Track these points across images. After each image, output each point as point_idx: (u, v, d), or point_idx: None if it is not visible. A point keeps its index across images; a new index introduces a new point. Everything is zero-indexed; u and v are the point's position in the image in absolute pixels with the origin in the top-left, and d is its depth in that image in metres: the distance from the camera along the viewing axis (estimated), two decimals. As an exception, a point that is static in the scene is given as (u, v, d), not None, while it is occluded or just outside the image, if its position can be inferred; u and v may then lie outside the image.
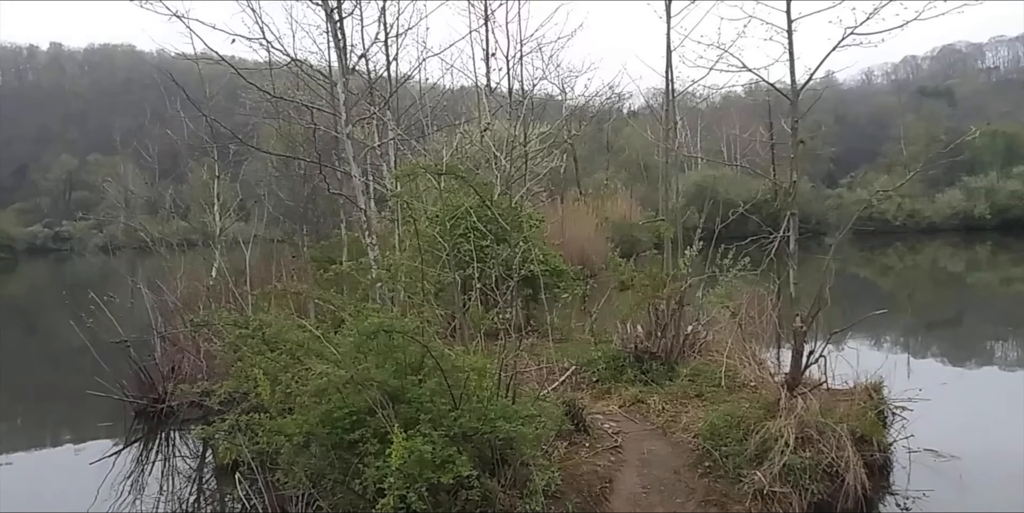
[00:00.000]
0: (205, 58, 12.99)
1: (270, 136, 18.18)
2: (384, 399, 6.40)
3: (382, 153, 12.80)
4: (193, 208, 19.42)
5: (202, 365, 11.89)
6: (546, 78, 18.20)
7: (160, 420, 11.80)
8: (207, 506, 9.05)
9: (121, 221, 21.55)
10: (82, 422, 13.17)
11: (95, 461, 10.31)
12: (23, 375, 18.96)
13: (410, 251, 8.40)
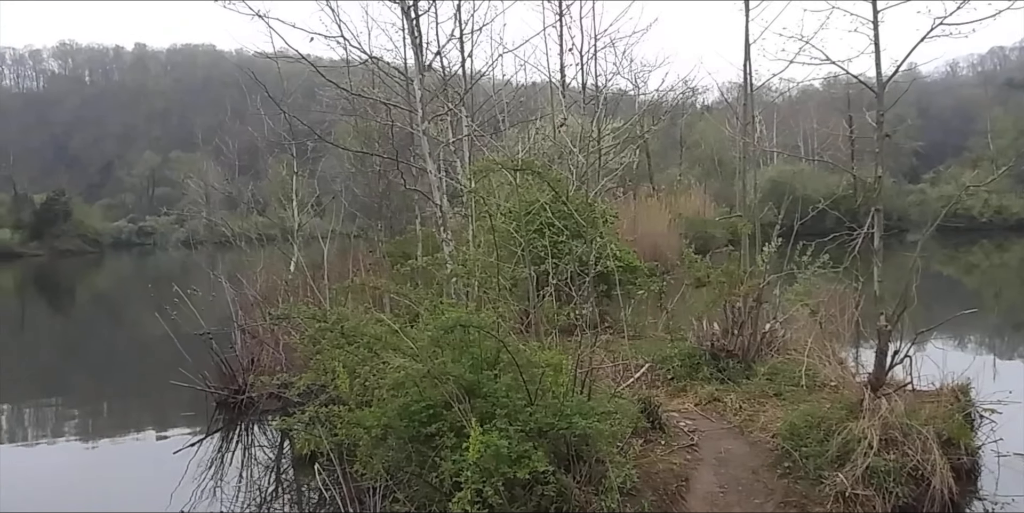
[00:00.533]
0: (284, 56, 13.20)
1: (346, 133, 18.45)
2: (460, 393, 6.44)
3: (455, 149, 12.86)
4: (271, 203, 19.82)
5: (280, 357, 12.12)
6: (619, 74, 18.09)
7: (240, 411, 12.08)
8: (285, 495, 9.23)
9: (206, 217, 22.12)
10: (166, 411, 13.57)
11: (179, 450, 10.61)
12: (110, 365, 19.67)
13: (485, 247, 8.42)
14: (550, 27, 14.46)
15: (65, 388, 16.76)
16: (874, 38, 7.71)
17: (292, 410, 10.59)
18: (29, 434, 13.16)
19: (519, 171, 7.58)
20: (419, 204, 15.54)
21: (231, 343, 12.75)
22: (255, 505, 8.78)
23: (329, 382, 7.80)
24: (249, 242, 15.36)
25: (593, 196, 10.71)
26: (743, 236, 10.90)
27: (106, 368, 19.17)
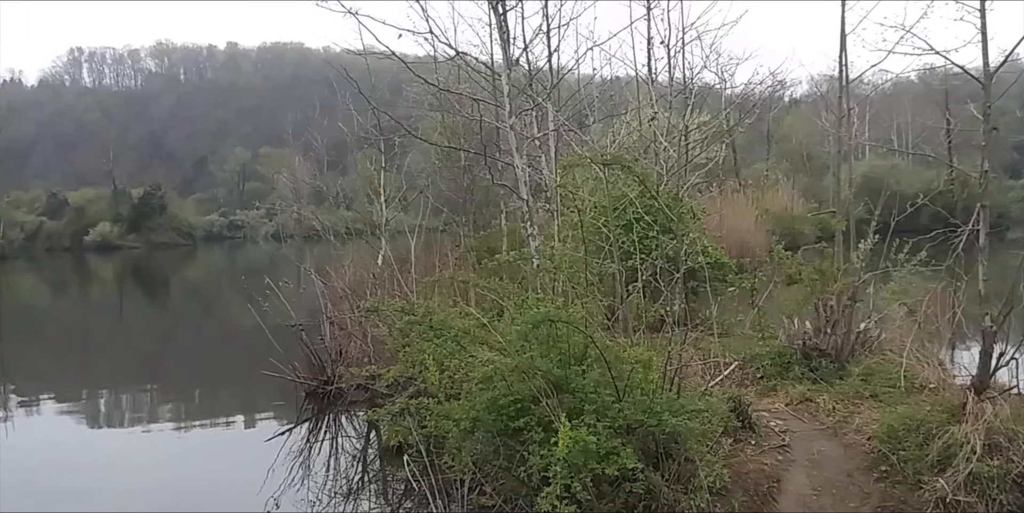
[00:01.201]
0: (372, 53, 13.38)
1: (432, 128, 18.63)
2: (548, 388, 6.44)
3: (540, 144, 12.84)
4: (357, 198, 20.13)
5: (368, 350, 12.31)
6: (707, 67, 17.77)
7: (328, 401, 12.30)
8: (371, 486, 9.35)
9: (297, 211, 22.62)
10: (258, 400, 13.91)
11: (269, 438, 10.88)
12: (203, 354, 20.30)
13: (573, 241, 8.38)
14: (639, 20, 14.28)
15: (160, 376, 17.34)
16: (981, 27, 7.39)
17: (379, 401, 10.80)
18: (126, 420, 13.67)
19: (609, 165, 7.51)
20: (504, 199, 15.58)
21: (320, 335, 12.98)
22: (342, 494, 8.92)
23: (417, 375, 7.90)
24: (338, 236, 15.64)
25: (682, 191, 10.54)
26: (837, 232, 10.60)
27: (199, 357, 19.79)
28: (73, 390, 15.50)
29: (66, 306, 37.35)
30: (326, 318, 12.92)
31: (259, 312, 13.22)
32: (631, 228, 7.98)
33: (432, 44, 13.41)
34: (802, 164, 51.25)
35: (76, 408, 14.16)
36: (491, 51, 13.59)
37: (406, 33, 11.71)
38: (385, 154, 17.68)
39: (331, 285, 13.72)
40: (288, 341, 12.99)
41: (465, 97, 13.22)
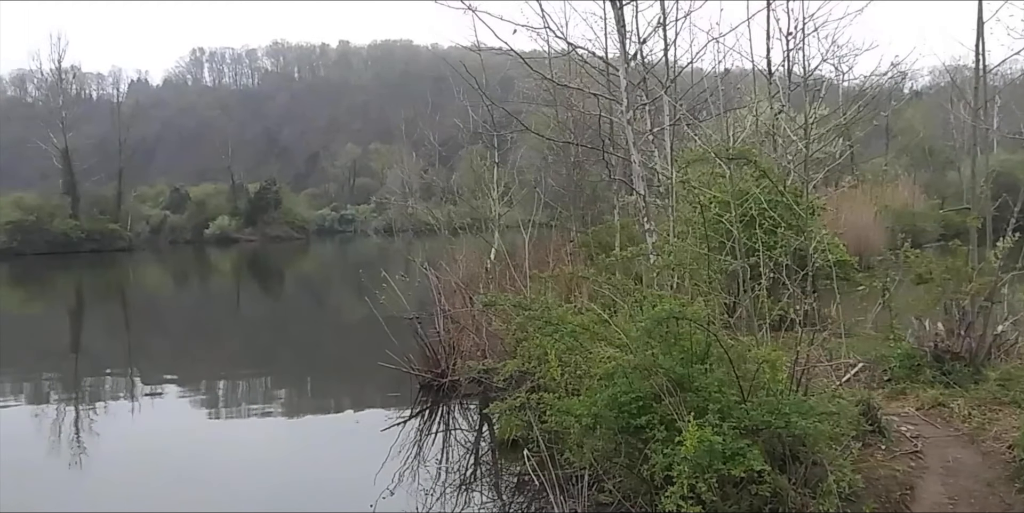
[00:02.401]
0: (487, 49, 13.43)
1: (543, 124, 18.62)
2: (670, 386, 6.34)
3: (654, 138, 12.66)
4: (465, 193, 20.31)
5: (481, 343, 12.38)
6: (826, 60, 17.21)
7: (442, 394, 12.45)
8: (484, 479, 9.42)
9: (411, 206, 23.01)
10: (372, 391, 14.20)
11: (385, 428, 11.08)
12: (316, 344, 20.85)
13: (693, 238, 8.23)
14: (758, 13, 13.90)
15: (275, 365, 17.91)
16: None
17: (492, 395, 10.87)
18: (242, 407, 14.16)
19: (734, 160, 7.34)
20: (617, 194, 15.45)
21: (434, 328, 13.15)
22: (455, 486, 9.02)
23: (534, 370, 7.90)
24: (452, 231, 15.82)
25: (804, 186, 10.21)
26: (971, 229, 10.07)
27: (312, 347, 20.34)
28: (193, 377, 16.16)
29: (187, 296, 39.04)
30: (440, 311, 13.06)
31: (374, 304, 13.49)
32: (753, 224, 7.75)
33: (546, 39, 13.43)
34: (923, 159, 49.13)
35: (196, 395, 14.75)
36: (605, 45, 13.51)
37: (521, 28, 11.72)
38: (498, 150, 17.78)
39: (444, 279, 13.86)
40: (401, 334, 13.22)
41: (580, 92, 13.13)
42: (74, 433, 11.99)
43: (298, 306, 32.79)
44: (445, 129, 23.98)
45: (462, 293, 13.37)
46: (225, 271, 55.74)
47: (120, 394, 15.12)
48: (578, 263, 13.60)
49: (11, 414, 13.21)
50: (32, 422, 12.63)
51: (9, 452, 10.61)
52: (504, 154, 18.10)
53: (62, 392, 15.43)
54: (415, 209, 22.76)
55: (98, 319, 30.37)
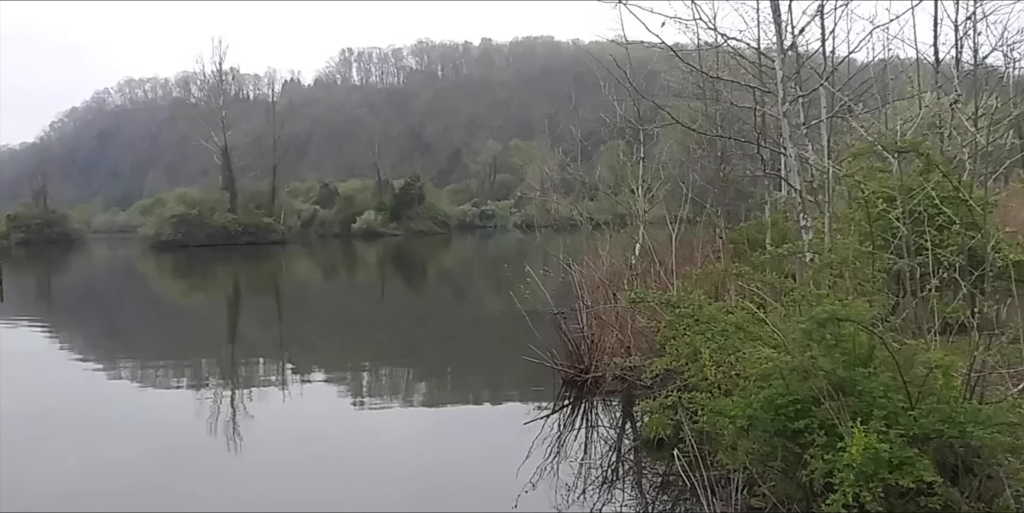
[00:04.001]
0: (633, 42, 13.26)
1: (688, 118, 18.24)
2: (831, 390, 6.06)
3: (807, 131, 12.18)
4: (604, 188, 20.16)
5: (625, 340, 12.24)
6: (996, 48, 16.08)
7: (585, 389, 12.39)
8: (627, 477, 9.29)
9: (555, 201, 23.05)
10: (514, 385, 14.28)
11: (528, 422, 11.09)
12: (458, 336, 21.21)
13: (852, 235, 7.86)
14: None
15: (417, 355, 18.30)
16: None
17: (637, 393, 10.73)
18: (385, 395, 14.52)
19: (902, 153, 6.94)
20: (767, 189, 14.96)
21: (577, 323, 13.10)
22: (596, 483, 8.92)
23: (683, 368, 7.73)
24: (596, 226, 15.73)
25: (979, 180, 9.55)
26: None
27: (453, 339, 20.71)
28: (340, 365, 16.71)
29: (335, 288, 40.52)
30: (583, 307, 13.00)
31: (517, 298, 13.56)
32: (922, 221, 7.31)
33: (695, 31, 13.14)
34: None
35: (342, 382, 15.21)
36: (757, 36, 13.09)
37: (670, 21, 11.49)
38: (637, 144, 17.54)
39: (587, 275, 13.79)
40: (543, 328, 13.23)
41: (730, 84, 12.78)
42: (230, 416, 12.58)
43: (440, 299, 33.47)
44: (586, 124, 23.88)
45: (605, 289, 13.24)
46: (370, 264, 57.56)
47: (272, 380, 15.81)
48: (725, 260, 13.27)
49: (174, 397, 14.05)
50: (193, 404, 13.34)
51: (172, 433, 11.31)
52: (648, 149, 17.81)
53: (220, 377, 16.26)
54: (556, 204, 22.75)
55: (253, 308, 31.94)
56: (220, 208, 79.71)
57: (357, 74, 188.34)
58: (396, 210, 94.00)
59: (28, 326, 25.14)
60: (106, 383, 15.48)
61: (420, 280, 44.22)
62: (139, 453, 10.32)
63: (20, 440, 10.93)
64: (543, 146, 57.65)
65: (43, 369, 16.79)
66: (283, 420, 12.16)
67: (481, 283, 39.26)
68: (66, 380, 15.53)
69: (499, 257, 46.04)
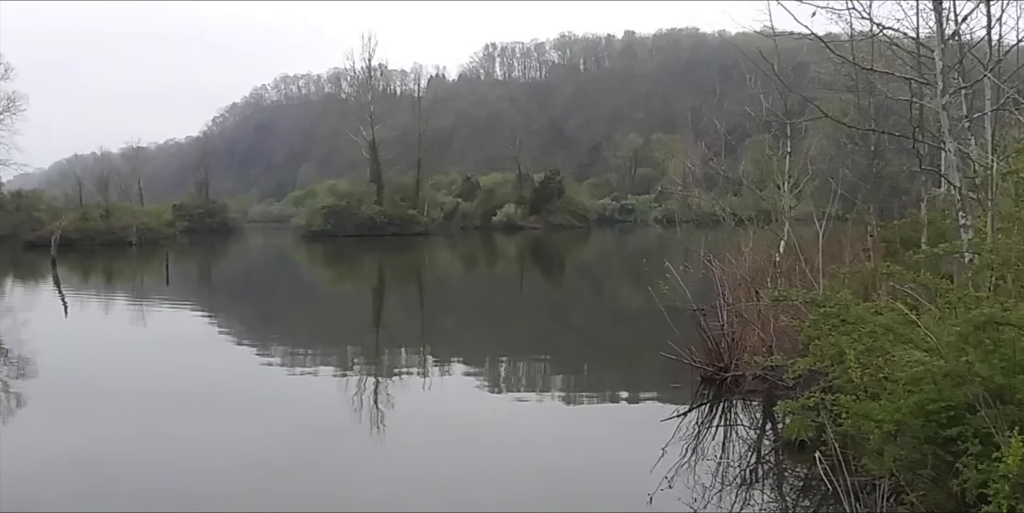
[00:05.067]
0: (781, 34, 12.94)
1: (839, 111, 17.61)
2: (988, 397, 5.77)
3: (971, 125, 11.54)
4: (748, 184, 19.71)
5: (767, 339, 11.97)
6: None
7: (724, 388, 12.20)
8: (766, 480, 9.12)
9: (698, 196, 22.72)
10: (650, 381, 14.19)
11: (665, 419, 11.02)
12: (594, 330, 21.23)
13: (1018, 235, 7.43)
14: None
15: (553, 348, 18.42)
16: None
17: (778, 393, 10.48)
18: (521, 387, 14.70)
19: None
20: (924, 185, 14.27)
21: (717, 321, 12.90)
22: (734, 483, 8.80)
23: (827, 369, 7.52)
24: (739, 222, 15.43)
25: None
26: None
27: (590, 333, 20.74)
28: (478, 356, 17.00)
29: (475, 279, 41.27)
30: (724, 304, 12.80)
31: (656, 293, 13.46)
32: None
33: (848, 21, 12.67)
34: None
35: (480, 372, 15.47)
36: (916, 24, 12.52)
37: (821, 10, 11.13)
38: (783, 138, 17.06)
39: (729, 271, 13.55)
40: (681, 324, 13.10)
41: (885, 75, 12.24)
42: (373, 401, 13.06)
43: (577, 292, 33.56)
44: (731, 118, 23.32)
45: (747, 286, 12.99)
46: (510, 257, 58.26)
47: (413, 368, 16.30)
48: (876, 259, 12.76)
49: (321, 381, 14.63)
50: (339, 389, 13.91)
51: (320, 416, 11.86)
52: (795, 143, 17.30)
53: (364, 363, 16.88)
54: (698, 199, 22.40)
55: (396, 298, 32.96)
56: (367, 200, 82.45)
57: (500, 69, 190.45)
58: (536, 203, 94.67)
59: (190, 310, 26.89)
60: (258, 366, 16.34)
61: (558, 273, 44.46)
62: (290, 430, 10.94)
63: (186, 415, 11.78)
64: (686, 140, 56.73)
65: (203, 351, 17.96)
66: (423, 407, 12.54)
67: (619, 278, 39.10)
68: (223, 362, 16.60)
69: (638, 252, 45.74)
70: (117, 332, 21.55)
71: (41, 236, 56.64)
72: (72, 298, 29.91)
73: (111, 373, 15.12)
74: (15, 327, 22.64)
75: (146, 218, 73.54)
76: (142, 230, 68.14)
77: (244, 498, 8.32)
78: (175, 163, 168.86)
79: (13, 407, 12.68)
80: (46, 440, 10.54)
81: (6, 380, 14.88)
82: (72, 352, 17.80)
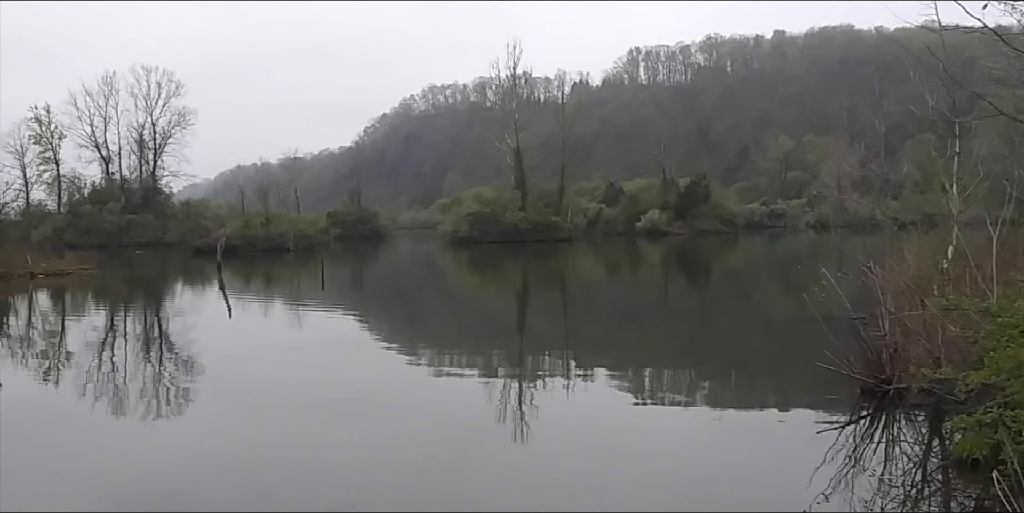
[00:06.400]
0: (947, 28, 12.21)
1: (1014, 108, 16.44)
2: None
3: None
4: (911, 186, 18.72)
5: (934, 350, 11.24)
6: None
7: (886, 401, 11.55)
8: (932, 498, 8.56)
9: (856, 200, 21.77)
10: (801, 392, 13.58)
11: (822, 431, 10.51)
12: (743, 339, 20.54)
13: None
14: None
15: (699, 356, 17.91)
16: None
17: (947, 408, 9.83)
18: (666, 396, 14.29)
19: None
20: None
21: (877, 330, 12.24)
22: (897, 500, 8.29)
23: (1005, 383, 6.99)
24: (901, 227, 14.64)
25: None
26: None
27: (737, 341, 20.06)
28: (621, 362, 16.72)
29: (618, 286, 40.94)
30: (885, 313, 12.12)
31: (812, 301, 12.90)
32: None
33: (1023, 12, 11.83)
34: None
35: (623, 379, 15.19)
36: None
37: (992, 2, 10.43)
38: (954, 138, 16.08)
39: (891, 278, 12.83)
40: (836, 333, 12.48)
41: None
42: (517, 406, 13.07)
43: (724, 300, 32.71)
44: (891, 117, 22.23)
45: (911, 294, 12.26)
46: (654, 263, 57.56)
47: (556, 373, 16.23)
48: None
49: (466, 384, 14.81)
50: (483, 392, 14.02)
51: (464, 419, 11.98)
52: (964, 143, 16.28)
53: (508, 367, 16.94)
54: (855, 203, 21.43)
55: (540, 303, 33.08)
56: (512, 206, 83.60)
57: (644, 73, 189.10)
58: (681, 209, 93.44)
59: (343, 313, 27.97)
60: (405, 367, 16.77)
61: (704, 280, 43.54)
62: (434, 432, 11.15)
63: (337, 416, 12.23)
64: (840, 141, 54.73)
65: (354, 353, 18.63)
66: (566, 412, 12.45)
67: (769, 285, 37.92)
68: (373, 363, 17.05)
69: (788, 258, 44.27)
70: (276, 334, 22.72)
71: (208, 243, 60.53)
72: (235, 301, 31.71)
73: (269, 373, 15.88)
74: (184, 329, 24.20)
75: (302, 225, 77.12)
76: (299, 237, 71.50)
77: (388, 497, 8.47)
78: (329, 172, 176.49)
79: (181, 404, 13.43)
80: (212, 436, 11.14)
81: (175, 379, 15.80)
82: (234, 353, 18.86)
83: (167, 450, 10.43)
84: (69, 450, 10.56)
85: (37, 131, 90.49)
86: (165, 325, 25.86)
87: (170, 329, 24.68)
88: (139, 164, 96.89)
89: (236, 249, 59.74)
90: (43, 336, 23.17)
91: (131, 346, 21.13)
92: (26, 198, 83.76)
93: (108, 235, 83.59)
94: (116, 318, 27.90)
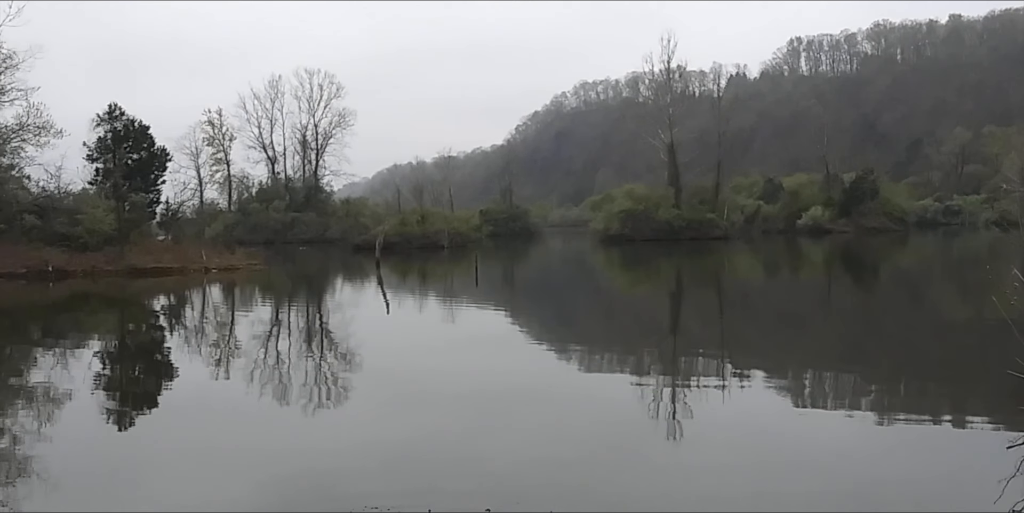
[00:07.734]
0: None
1: None
2: None
3: None
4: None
5: None
6: None
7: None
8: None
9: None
10: (986, 401, 12.50)
11: (1013, 445, 9.50)
12: (913, 344, 19.09)
13: None
14: None
15: (864, 361, 16.78)
16: None
17: None
18: (828, 402, 13.42)
19: None
20: None
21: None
22: None
23: None
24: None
25: None
26: None
27: (907, 346, 18.68)
28: (780, 365, 15.92)
29: (778, 286, 39.33)
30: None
31: (1002, 304, 11.71)
32: None
33: None
34: None
35: (782, 383, 14.46)
36: None
37: None
38: None
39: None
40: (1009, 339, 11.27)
41: None
42: (670, 407, 12.58)
43: (894, 301, 30.69)
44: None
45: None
46: (816, 262, 55.09)
47: (711, 375, 15.56)
48: None
49: (617, 382, 14.56)
50: (634, 392, 13.66)
51: (617, 420, 11.62)
52: None
53: (660, 367, 16.46)
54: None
55: (694, 303, 32.15)
56: (665, 203, 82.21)
57: (806, 64, 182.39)
58: (845, 205, 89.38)
59: (494, 310, 28.18)
60: (556, 365, 16.64)
61: (871, 281, 41.13)
62: (586, 431, 10.93)
63: (492, 409, 12.34)
64: None
65: (505, 349, 18.67)
66: (721, 417, 11.85)
67: (943, 286, 35.44)
68: (525, 360, 17.03)
69: (965, 258, 41.32)
70: (432, 329, 23.16)
71: (366, 240, 62.80)
72: (393, 296, 32.54)
73: (425, 367, 16.07)
74: (344, 322, 25.08)
75: (456, 223, 78.60)
76: (453, 234, 72.84)
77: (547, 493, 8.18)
78: (481, 170, 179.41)
79: (341, 397, 13.69)
80: (372, 426, 11.40)
81: (336, 371, 16.27)
82: (392, 347, 19.35)
83: (329, 437, 10.73)
84: (235, 433, 11.06)
85: (210, 133, 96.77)
86: (327, 319, 26.92)
87: (331, 323, 25.64)
88: (302, 164, 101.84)
89: (393, 246, 61.52)
90: (215, 328, 24.42)
91: (295, 338, 22.03)
92: (200, 197, 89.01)
93: (274, 232, 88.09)
94: (281, 312, 29.16)
